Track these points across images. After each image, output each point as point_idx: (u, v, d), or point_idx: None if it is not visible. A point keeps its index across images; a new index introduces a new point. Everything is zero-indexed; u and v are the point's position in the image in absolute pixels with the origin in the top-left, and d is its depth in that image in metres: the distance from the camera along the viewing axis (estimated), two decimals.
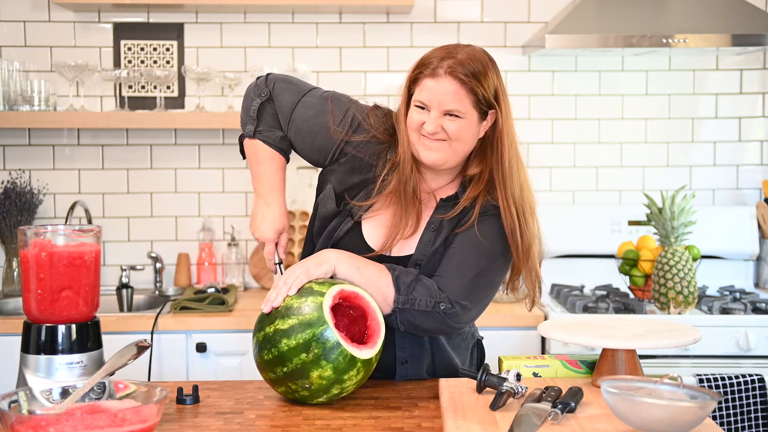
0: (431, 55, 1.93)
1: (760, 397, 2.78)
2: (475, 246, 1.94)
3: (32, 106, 3.36)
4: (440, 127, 1.89)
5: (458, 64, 1.88)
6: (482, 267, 1.93)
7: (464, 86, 1.88)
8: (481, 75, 1.90)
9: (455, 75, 1.87)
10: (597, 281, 3.46)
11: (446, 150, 1.91)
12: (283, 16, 3.54)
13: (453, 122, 1.88)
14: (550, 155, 3.62)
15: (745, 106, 3.64)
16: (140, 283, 3.54)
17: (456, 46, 1.93)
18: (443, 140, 1.90)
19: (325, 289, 1.80)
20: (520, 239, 1.93)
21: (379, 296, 1.89)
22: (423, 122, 1.90)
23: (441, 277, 1.92)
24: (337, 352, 1.74)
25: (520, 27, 3.58)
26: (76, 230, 1.78)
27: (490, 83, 1.91)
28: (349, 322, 1.87)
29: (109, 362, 1.66)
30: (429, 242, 1.97)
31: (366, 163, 2.01)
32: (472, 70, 1.89)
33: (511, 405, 1.69)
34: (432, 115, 1.89)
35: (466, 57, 1.90)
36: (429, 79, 1.89)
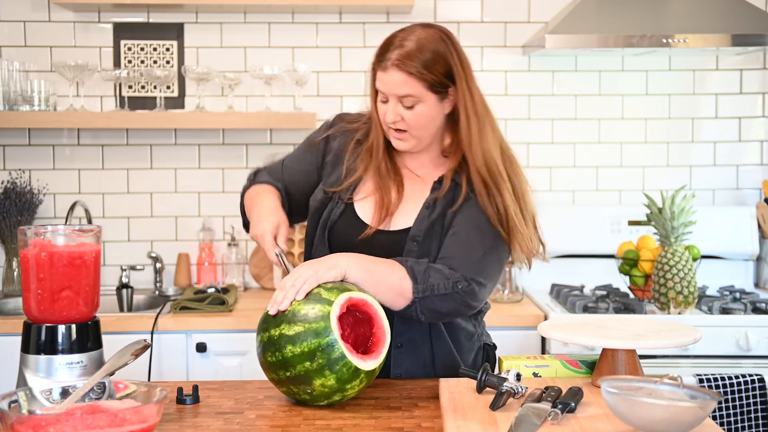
0: (386, 42, 1.99)
1: (760, 397, 2.78)
2: (475, 225, 1.99)
3: (32, 106, 3.36)
4: (399, 116, 1.97)
5: (405, 57, 1.94)
6: (488, 244, 1.98)
7: (411, 75, 1.94)
8: (429, 62, 1.95)
9: (401, 68, 1.94)
10: (597, 281, 3.46)
11: (410, 139, 2.01)
12: (283, 16, 3.54)
13: (410, 111, 1.97)
14: (550, 155, 3.62)
15: (745, 106, 3.64)
16: (140, 283, 3.54)
17: (408, 31, 1.98)
18: (404, 131, 1.99)
19: (333, 297, 1.78)
20: (495, 209, 1.99)
21: (394, 292, 1.91)
22: (384, 113, 1.99)
23: (450, 258, 1.96)
24: (341, 363, 1.74)
25: (520, 27, 3.58)
26: (76, 230, 1.78)
27: (439, 67, 1.95)
28: (354, 321, 1.87)
29: (109, 362, 1.66)
30: (425, 218, 2.02)
31: (342, 151, 2.12)
32: (420, 60, 1.94)
33: (511, 405, 1.69)
34: (390, 105, 1.98)
35: (414, 46, 1.95)
36: (380, 72, 1.97)
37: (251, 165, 3.57)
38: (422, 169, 2.09)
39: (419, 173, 2.09)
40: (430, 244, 2.00)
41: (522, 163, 2.10)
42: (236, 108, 3.51)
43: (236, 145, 3.57)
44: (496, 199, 1.99)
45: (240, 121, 3.37)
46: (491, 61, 3.59)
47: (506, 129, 3.61)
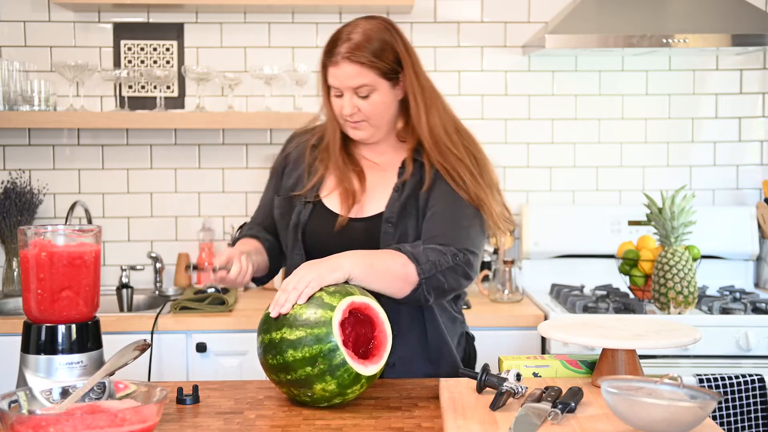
0: (333, 38, 2.05)
1: (760, 397, 2.78)
2: (452, 200, 2.06)
3: (32, 106, 3.36)
4: (356, 108, 2.03)
5: (354, 48, 2.01)
6: (469, 214, 2.06)
7: (363, 65, 2.02)
8: (378, 51, 2.04)
9: (352, 59, 2.01)
10: (597, 281, 3.46)
11: (367, 128, 2.09)
12: (283, 16, 3.54)
13: (365, 101, 2.04)
14: (550, 155, 3.62)
15: (745, 106, 3.64)
16: (140, 283, 3.54)
17: (353, 25, 2.05)
18: (362, 121, 2.07)
19: (335, 302, 1.77)
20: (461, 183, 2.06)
21: (399, 280, 1.94)
22: (340, 107, 2.05)
23: (437, 236, 2.02)
24: (342, 369, 1.73)
25: (520, 27, 3.58)
26: (76, 230, 1.78)
27: (388, 54, 2.05)
28: (355, 321, 1.86)
29: (109, 362, 1.66)
30: (396, 200, 2.08)
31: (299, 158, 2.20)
32: (369, 50, 2.02)
33: (511, 405, 1.69)
34: (346, 98, 2.05)
35: (362, 38, 2.02)
36: (332, 67, 2.04)
37: (251, 165, 3.57)
38: (383, 157, 2.16)
39: (380, 161, 2.15)
40: (405, 225, 2.05)
41: (522, 163, 2.13)
42: (236, 108, 3.51)
43: (236, 145, 3.57)
44: (457, 174, 2.06)
45: (240, 121, 3.37)
46: (491, 61, 3.59)
47: (506, 129, 3.61)
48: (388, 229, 2.05)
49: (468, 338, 2.26)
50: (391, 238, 2.04)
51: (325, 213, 2.11)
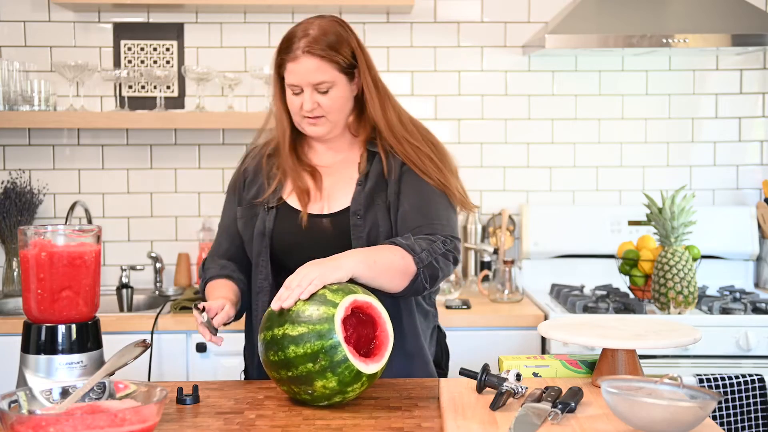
0: (289, 36, 2.08)
1: (760, 397, 2.78)
2: (423, 191, 2.09)
3: (32, 106, 3.36)
4: (316, 104, 2.05)
5: (313, 42, 2.04)
6: (441, 201, 2.10)
7: (323, 59, 2.04)
8: (336, 44, 2.06)
9: (312, 53, 2.04)
10: (597, 281, 3.46)
11: (326, 124, 2.10)
12: (283, 16, 3.54)
13: (325, 96, 2.06)
14: (550, 155, 3.62)
15: (745, 106, 3.64)
16: (140, 283, 3.54)
17: (308, 23, 2.08)
18: (321, 116, 2.08)
19: (338, 299, 1.77)
20: (417, 167, 2.10)
21: (400, 274, 1.96)
22: (300, 104, 2.07)
23: (421, 227, 2.05)
24: (343, 366, 1.73)
25: (520, 27, 3.58)
26: (76, 230, 1.78)
27: (345, 49, 2.08)
28: (357, 322, 1.86)
29: (109, 362, 1.66)
30: (360, 193, 2.10)
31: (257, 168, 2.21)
32: (327, 43, 2.05)
33: (511, 405, 1.69)
34: (306, 94, 2.06)
35: (318, 32, 2.05)
36: (291, 63, 2.06)
37: None
38: (340, 155, 2.18)
39: (338, 159, 2.17)
40: (375, 216, 2.08)
41: (522, 163, 2.15)
42: (236, 108, 3.51)
43: (236, 145, 3.57)
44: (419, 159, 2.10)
45: (240, 121, 3.37)
46: (491, 61, 3.59)
47: (506, 129, 3.61)
48: (357, 222, 2.07)
49: (440, 333, 2.28)
50: (361, 230, 2.07)
51: (290, 214, 2.12)
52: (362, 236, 2.06)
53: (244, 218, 2.18)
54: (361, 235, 2.07)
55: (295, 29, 2.08)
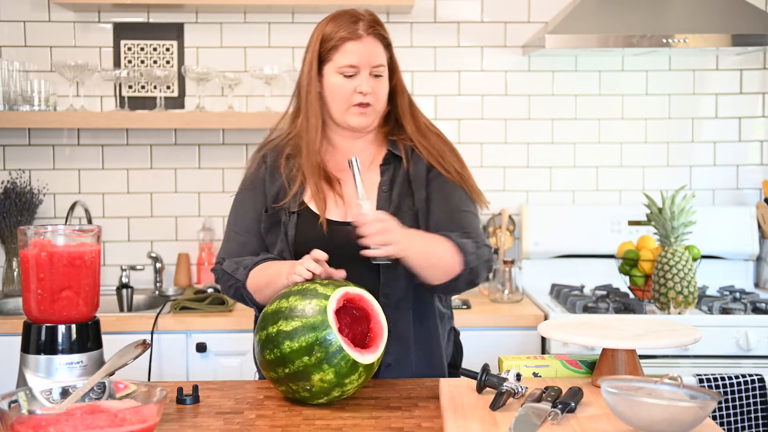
0: (339, 23, 2.03)
1: (760, 397, 2.78)
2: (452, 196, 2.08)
3: (32, 106, 3.36)
4: (371, 87, 2.02)
5: (373, 23, 2.04)
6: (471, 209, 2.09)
7: (382, 41, 2.05)
8: (385, 28, 2.08)
9: (375, 33, 2.03)
10: (597, 281, 3.46)
11: (372, 113, 2.07)
12: (283, 16, 3.54)
13: (377, 81, 2.05)
14: (550, 155, 3.62)
15: (745, 106, 3.64)
16: (140, 283, 3.54)
17: (353, 11, 2.06)
18: (368, 105, 2.04)
19: (329, 292, 1.79)
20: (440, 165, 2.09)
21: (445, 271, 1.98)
22: (353, 87, 2.02)
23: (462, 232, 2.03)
24: (339, 357, 1.74)
25: (520, 27, 3.58)
26: (76, 230, 1.78)
27: (390, 41, 2.09)
28: (351, 321, 1.87)
29: (109, 362, 1.66)
30: (386, 202, 2.07)
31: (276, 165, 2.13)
32: (381, 24, 2.06)
33: (511, 405, 1.69)
34: (363, 76, 2.03)
35: (370, 15, 2.06)
36: (352, 42, 2.02)
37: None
38: (365, 152, 2.13)
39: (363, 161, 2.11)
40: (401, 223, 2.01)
41: (522, 163, 2.15)
42: (236, 108, 3.51)
43: (236, 145, 3.57)
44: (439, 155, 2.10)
45: (240, 121, 3.37)
46: (491, 61, 3.59)
47: (506, 129, 3.61)
48: None
49: (456, 334, 2.27)
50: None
51: (313, 220, 2.07)
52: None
53: (266, 223, 2.12)
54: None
55: (340, 17, 2.04)
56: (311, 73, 2.06)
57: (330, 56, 2.03)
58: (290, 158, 2.12)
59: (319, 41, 2.05)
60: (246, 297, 2.08)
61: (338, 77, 2.03)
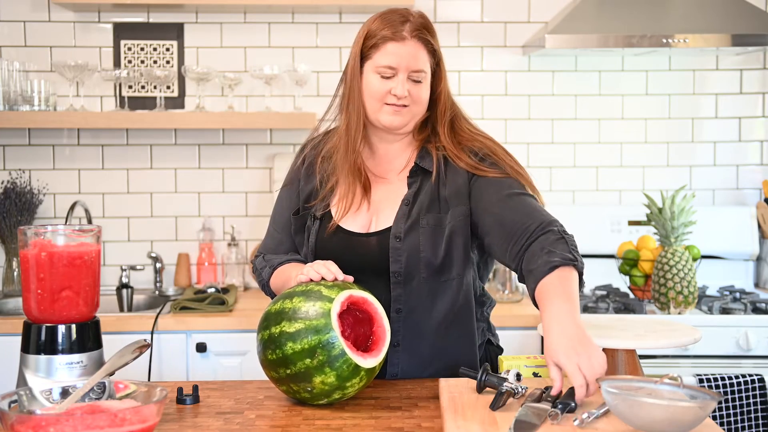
0: (386, 21, 1.99)
1: (760, 397, 2.79)
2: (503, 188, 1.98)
3: (32, 106, 3.36)
4: (407, 91, 1.97)
5: (419, 26, 1.98)
6: (524, 190, 1.99)
7: (426, 46, 1.98)
8: (434, 33, 2.02)
9: (420, 37, 1.98)
10: (597, 281, 3.46)
11: (407, 114, 2.00)
12: (283, 16, 3.54)
13: (416, 86, 1.98)
14: (550, 155, 3.62)
15: (745, 106, 3.64)
16: (140, 283, 3.54)
17: (405, 10, 2.02)
18: (405, 106, 1.98)
19: (334, 295, 1.78)
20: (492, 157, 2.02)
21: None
22: (388, 89, 1.97)
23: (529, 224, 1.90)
24: (341, 360, 1.74)
25: (520, 27, 3.58)
26: (76, 230, 1.78)
27: (437, 42, 2.02)
28: (354, 322, 1.87)
29: (109, 362, 1.66)
30: (403, 216, 2.00)
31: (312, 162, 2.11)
32: (429, 29, 2.00)
33: (511, 405, 1.69)
34: (400, 78, 1.97)
35: (420, 18, 2.00)
36: (394, 43, 1.96)
37: (251, 165, 3.57)
38: (399, 159, 2.08)
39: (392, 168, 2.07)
40: (415, 241, 1.98)
41: (522, 163, 2.12)
42: (236, 108, 3.51)
43: (236, 145, 3.57)
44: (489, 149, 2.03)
45: (240, 121, 3.37)
46: (491, 61, 3.59)
47: (506, 129, 3.61)
48: (395, 244, 1.99)
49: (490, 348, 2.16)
50: (400, 253, 1.98)
51: (338, 230, 2.04)
52: (400, 260, 1.98)
53: (296, 225, 2.10)
54: (399, 258, 1.98)
55: (390, 15, 1.99)
56: (355, 68, 2.01)
57: (371, 54, 1.99)
58: (325, 160, 2.09)
59: (363, 37, 2.01)
60: (270, 295, 2.12)
61: (375, 76, 1.98)
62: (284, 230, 2.14)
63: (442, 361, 2.05)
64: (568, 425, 1.59)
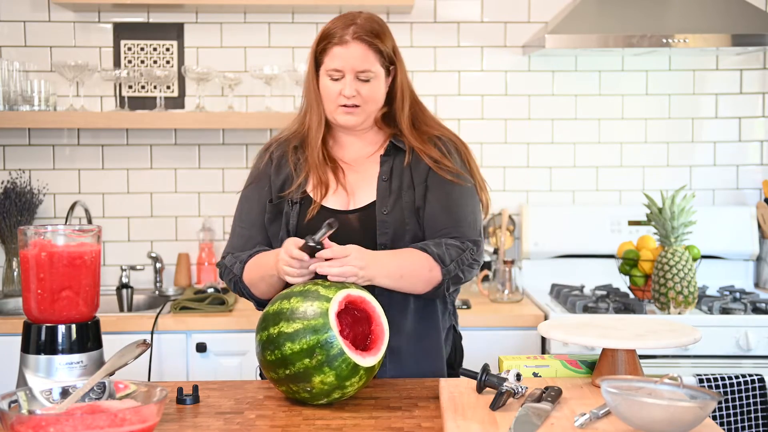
0: (333, 26, 2.10)
1: (760, 397, 2.78)
2: (448, 192, 2.11)
3: (32, 106, 3.36)
4: (356, 91, 2.07)
5: (361, 29, 2.07)
6: (468, 203, 2.12)
7: (371, 47, 2.08)
8: (382, 34, 2.10)
9: (361, 38, 2.06)
10: (597, 281, 3.46)
11: (361, 113, 2.11)
12: (283, 16, 3.54)
13: (365, 85, 2.09)
14: (550, 155, 3.62)
15: (745, 106, 3.64)
16: (140, 283, 3.54)
17: (352, 14, 2.11)
18: (357, 106, 2.10)
19: (331, 294, 1.79)
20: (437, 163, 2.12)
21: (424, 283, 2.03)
22: (339, 90, 2.08)
23: (449, 227, 2.08)
24: (340, 360, 1.74)
25: (520, 27, 3.58)
26: (76, 230, 1.78)
27: (389, 41, 2.12)
28: (352, 321, 1.87)
29: (109, 362, 1.66)
30: (386, 191, 2.12)
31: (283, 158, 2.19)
32: (375, 33, 2.08)
33: (511, 405, 1.69)
34: (347, 80, 2.07)
35: (365, 21, 2.09)
36: (338, 47, 2.07)
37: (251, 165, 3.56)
38: (366, 149, 2.19)
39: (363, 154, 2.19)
40: (400, 213, 2.09)
41: (522, 163, 2.16)
42: (236, 108, 3.51)
43: (236, 145, 3.57)
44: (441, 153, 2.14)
45: (240, 121, 3.37)
46: (491, 61, 3.59)
47: (506, 129, 3.61)
48: (383, 218, 2.09)
49: (457, 336, 2.27)
50: (388, 226, 2.08)
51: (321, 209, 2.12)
52: (388, 232, 2.08)
53: (270, 214, 2.17)
54: (387, 231, 2.09)
55: (337, 20, 2.10)
56: (310, 72, 2.14)
57: (322, 58, 2.11)
58: (298, 149, 2.19)
59: (316, 42, 2.12)
60: (244, 291, 2.14)
61: (327, 79, 2.10)
62: (253, 226, 2.19)
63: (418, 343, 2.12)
64: (568, 425, 1.59)
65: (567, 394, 1.76)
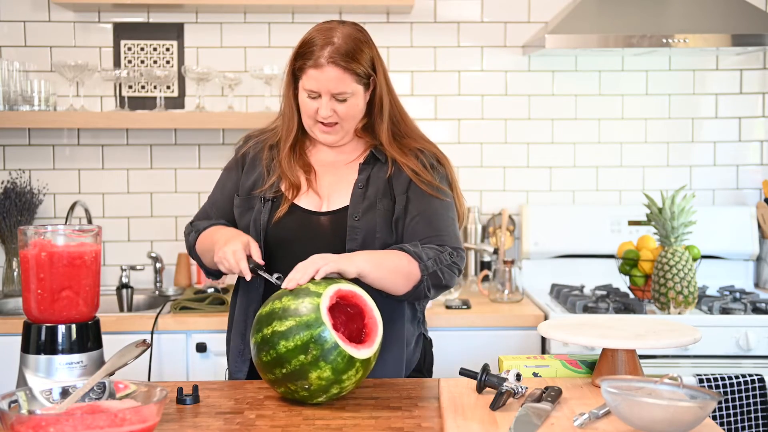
0: (311, 40, 2.07)
1: (760, 397, 2.78)
2: (429, 201, 2.11)
3: (32, 106, 3.36)
4: (333, 111, 2.07)
5: (336, 52, 2.04)
6: (448, 215, 2.12)
7: (346, 71, 2.05)
8: (358, 54, 2.07)
9: (336, 63, 2.04)
10: (597, 281, 3.46)
11: (339, 131, 2.13)
12: (283, 16, 3.54)
13: (342, 105, 2.08)
14: (550, 155, 3.62)
15: (745, 106, 3.64)
16: (140, 283, 3.54)
17: (331, 29, 2.08)
18: (335, 123, 2.10)
19: (321, 290, 1.80)
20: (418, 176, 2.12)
21: (404, 278, 2.01)
22: (316, 108, 2.08)
23: (431, 237, 2.08)
24: (335, 353, 1.74)
25: (520, 27, 3.58)
26: (76, 230, 1.78)
27: (365, 58, 2.09)
28: (346, 319, 1.88)
29: (109, 362, 1.66)
30: (360, 198, 2.11)
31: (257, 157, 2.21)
32: (351, 55, 2.05)
33: (511, 405, 1.69)
34: (323, 101, 2.07)
35: (342, 42, 2.06)
36: (312, 69, 2.06)
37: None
38: (343, 155, 2.20)
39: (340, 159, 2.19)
40: (372, 220, 2.09)
41: (522, 163, 2.16)
42: (236, 108, 3.51)
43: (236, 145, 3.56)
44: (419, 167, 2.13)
45: (240, 121, 3.37)
46: (491, 61, 3.59)
47: (506, 129, 3.61)
48: (353, 223, 2.08)
49: (425, 341, 2.27)
50: (357, 232, 2.08)
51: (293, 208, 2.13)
52: (357, 238, 2.07)
53: (241, 208, 2.19)
54: (356, 237, 2.08)
55: (316, 35, 2.07)
56: (288, 81, 2.14)
57: (299, 75, 2.10)
58: (273, 148, 2.21)
59: (293, 56, 2.12)
60: (196, 259, 2.24)
61: (304, 95, 2.10)
62: (214, 205, 2.27)
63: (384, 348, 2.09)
64: (568, 425, 1.59)
65: (567, 394, 1.76)
